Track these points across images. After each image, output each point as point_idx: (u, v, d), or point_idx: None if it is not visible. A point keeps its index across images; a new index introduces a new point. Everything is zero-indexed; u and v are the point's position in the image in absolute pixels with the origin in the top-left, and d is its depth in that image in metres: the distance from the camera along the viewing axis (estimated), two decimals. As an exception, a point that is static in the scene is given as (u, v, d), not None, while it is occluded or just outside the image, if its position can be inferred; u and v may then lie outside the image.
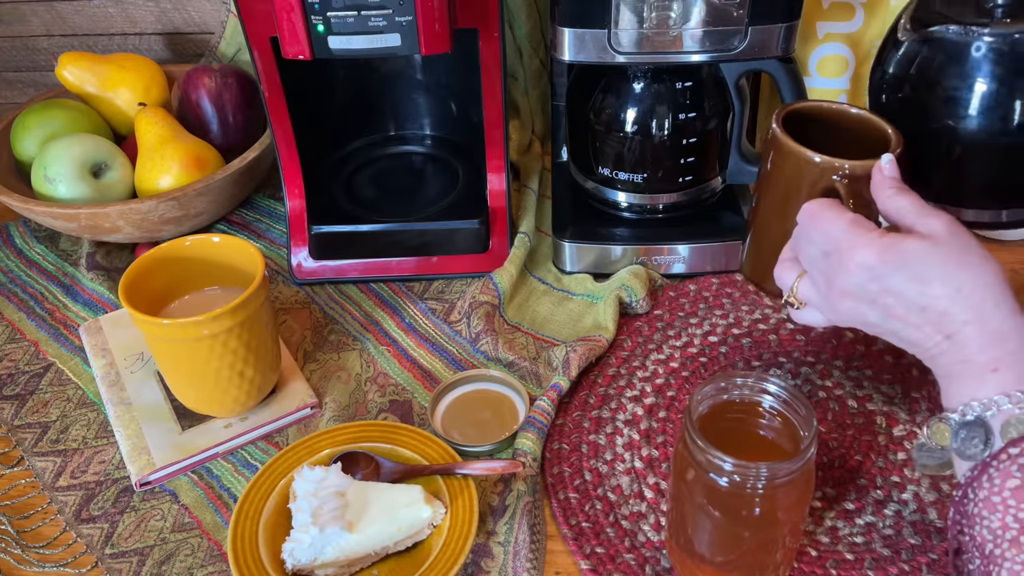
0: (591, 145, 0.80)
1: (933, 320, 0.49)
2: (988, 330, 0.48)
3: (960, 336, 0.48)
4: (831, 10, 0.89)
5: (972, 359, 0.48)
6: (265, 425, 0.70)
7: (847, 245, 0.51)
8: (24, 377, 0.78)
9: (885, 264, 0.49)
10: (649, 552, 0.60)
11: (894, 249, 0.49)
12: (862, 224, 0.52)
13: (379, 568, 0.59)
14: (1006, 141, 0.65)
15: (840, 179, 0.57)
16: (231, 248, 0.69)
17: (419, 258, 0.84)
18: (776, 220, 0.61)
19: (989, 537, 0.45)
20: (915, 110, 0.68)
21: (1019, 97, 0.62)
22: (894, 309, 0.50)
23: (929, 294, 0.49)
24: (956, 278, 0.48)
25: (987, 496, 0.46)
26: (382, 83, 0.95)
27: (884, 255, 0.49)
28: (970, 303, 0.48)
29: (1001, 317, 0.48)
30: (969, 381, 0.48)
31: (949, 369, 0.49)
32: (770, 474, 0.48)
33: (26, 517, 0.66)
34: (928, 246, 0.49)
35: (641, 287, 0.78)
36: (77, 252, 0.92)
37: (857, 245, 0.51)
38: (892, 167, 0.54)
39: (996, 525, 0.45)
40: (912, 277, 0.49)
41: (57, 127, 0.92)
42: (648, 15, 0.69)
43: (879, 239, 0.50)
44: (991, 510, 0.45)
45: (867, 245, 0.50)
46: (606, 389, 0.72)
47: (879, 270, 0.50)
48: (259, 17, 0.72)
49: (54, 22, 1.12)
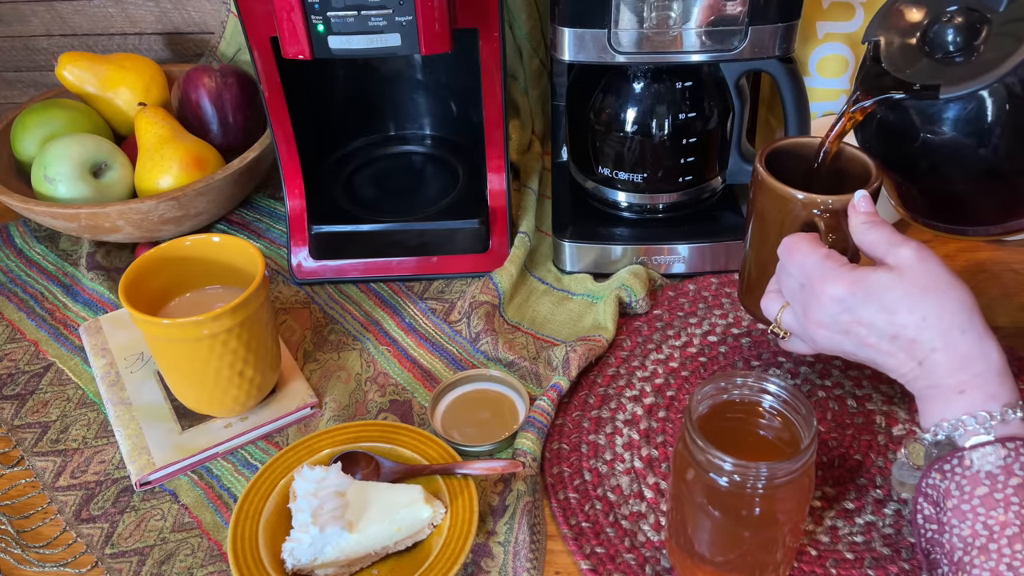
0: (591, 145, 0.80)
1: (904, 347, 0.51)
2: (956, 355, 0.50)
3: (929, 362, 0.50)
4: (831, 10, 0.89)
5: (941, 383, 0.50)
6: (265, 425, 0.70)
7: (819, 278, 0.53)
8: (24, 377, 0.78)
9: (854, 296, 0.52)
10: (649, 552, 0.60)
11: (863, 282, 0.52)
12: (834, 258, 0.54)
13: (379, 568, 0.59)
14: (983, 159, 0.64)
15: (820, 214, 0.59)
16: (231, 248, 0.69)
17: (419, 258, 0.84)
18: (763, 252, 0.64)
19: (959, 545, 0.47)
20: (901, 165, 0.68)
21: (991, 140, 0.62)
22: (867, 338, 0.52)
23: (897, 323, 0.51)
24: (921, 307, 0.50)
25: (956, 504, 0.47)
26: (382, 83, 0.95)
27: (853, 287, 0.52)
28: (937, 330, 0.50)
29: (968, 342, 0.50)
30: (939, 403, 0.50)
31: (922, 392, 0.51)
32: (770, 474, 0.48)
33: (26, 517, 0.66)
34: (894, 277, 0.51)
35: (641, 287, 0.78)
36: (77, 252, 0.92)
37: (828, 278, 0.53)
38: (865, 202, 0.56)
39: (966, 533, 0.47)
40: (880, 308, 0.51)
41: (57, 127, 0.92)
42: (648, 15, 0.69)
43: (849, 272, 0.53)
44: (960, 518, 0.47)
45: (837, 278, 0.53)
46: (606, 389, 0.72)
47: (849, 302, 0.52)
48: (259, 17, 0.72)
49: (54, 22, 1.12)
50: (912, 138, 0.63)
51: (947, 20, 0.61)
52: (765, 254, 0.64)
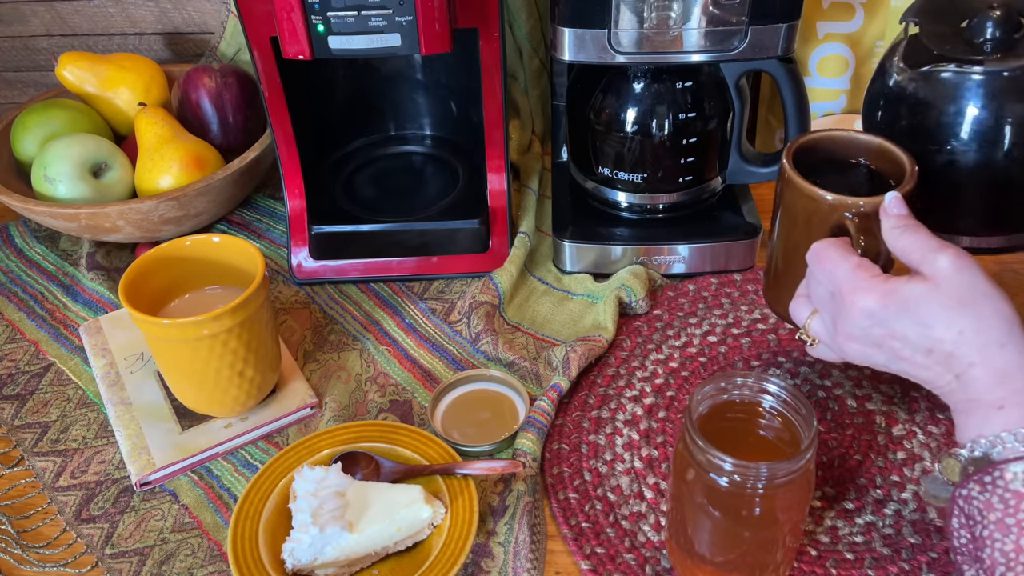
0: (591, 145, 0.80)
1: (941, 361, 0.49)
2: (994, 370, 0.48)
3: (967, 376, 0.48)
4: (831, 10, 0.89)
5: (979, 398, 0.48)
6: (265, 425, 0.70)
7: (849, 289, 0.51)
8: (24, 377, 0.78)
9: (887, 309, 0.49)
10: (649, 552, 0.60)
11: (896, 294, 0.49)
12: (866, 268, 0.51)
13: (379, 568, 0.59)
14: (1001, 167, 0.64)
15: (850, 217, 0.55)
16: (231, 248, 0.69)
17: (419, 258, 0.84)
18: (791, 254, 0.61)
19: (1001, 560, 0.45)
20: (908, 139, 0.67)
21: (1011, 128, 0.62)
22: (900, 351, 0.50)
23: (933, 337, 0.49)
24: (959, 321, 0.48)
25: (1000, 518, 0.45)
26: (382, 83, 0.95)
27: (886, 300, 0.49)
28: (975, 345, 0.48)
29: (1007, 356, 0.47)
30: (977, 418, 0.48)
31: (959, 406, 0.50)
32: (770, 474, 0.48)
33: (26, 517, 0.66)
34: (930, 289, 0.49)
35: (641, 287, 0.78)
36: (77, 252, 0.92)
37: (858, 289, 0.50)
38: (898, 205, 0.53)
39: (1009, 548, 0.45)
40: (915, 321, 0.49)
41: (57, 127, 0.92)
42: (648, 15, 0.69)
43: (881, 284, 0.50)
44: (1004, 532, 0.45)
45: (869, 290, 0.50)
46: (606, 389, 0.72)
47: (881, 315, 0.50)
48: (259, 17, 0.72)
49: (54, 22, 1.12)
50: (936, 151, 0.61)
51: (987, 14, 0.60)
52: (791, 252, 0.61)
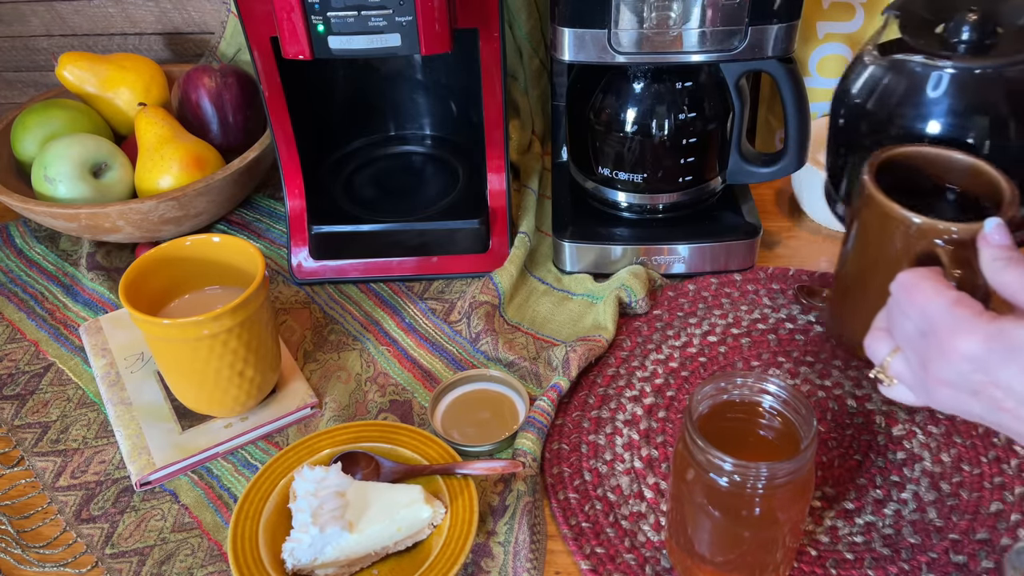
0: (591, 145, 0.80)
1: None
2: None
3: None
4: (831, 10, 0.89)
5: None
6: (265, 425, 0.70)
7: (948, 329, 0.45)
8: (24, 377, 0.78)
9: (991, 353, 0.43)
10: (649, 552, 0.60)
11: (1003, 337, 0.43)
12: (966, 304, 0.45)
13: (379, 568, 0.59)
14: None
15: (942, 244, 0.50)
16: (231, 248, 0.69)
17: (419, 258, 0.84)
18: (867, 280, 0.56)
19: None
20: (871, 131, 0.67)
21: (972, 129, 0.61)
22: (1003, 403, 0.44)
23: None
24: None
25: None
26: (382, 83, 0.95)
27: (990, 343, 0.43)
28: None
29: None
30: None
31: None
32: (770, 474, 0.48)
33: (26, 517, 0.66)
34: None
35: (641, 287, 0.78)
36: (77, 252, 0.92)
37: (960, 331, 0.44)
38: (1000, 233, 0.47)
39: None
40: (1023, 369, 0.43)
41: (57, 127, 0.92)
42: (648, 15, 0.69)
43: (986, 324, 0.44)
44: None
45: (971, 331, 0.44)
46: (605, 389, 0.72)
47: (984, 360, 0.44)
48: (259, 17, 0.72)
49: (54, 22, 1.12)
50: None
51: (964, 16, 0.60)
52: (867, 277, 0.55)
